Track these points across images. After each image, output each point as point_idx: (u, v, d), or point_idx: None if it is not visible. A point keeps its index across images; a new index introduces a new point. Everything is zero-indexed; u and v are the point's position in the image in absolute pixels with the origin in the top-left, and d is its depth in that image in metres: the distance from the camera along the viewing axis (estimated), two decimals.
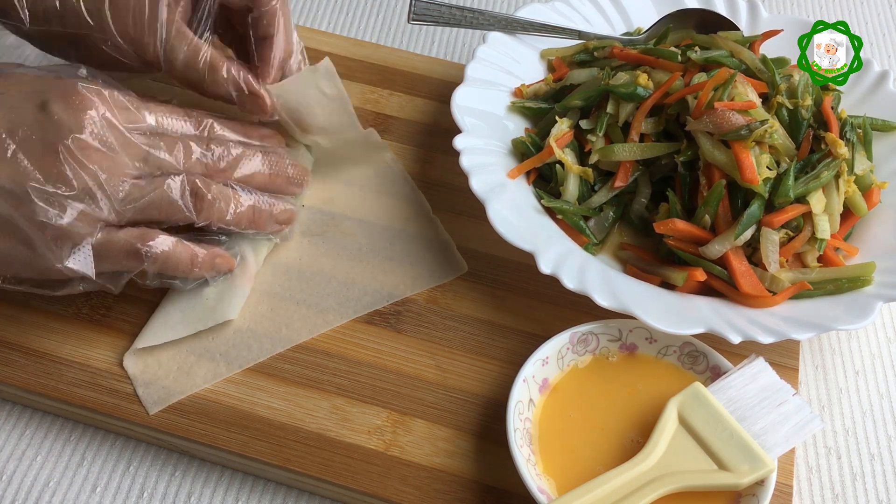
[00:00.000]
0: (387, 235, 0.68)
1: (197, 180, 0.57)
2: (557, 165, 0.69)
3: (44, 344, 0.61)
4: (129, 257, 0.56)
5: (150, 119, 0.58)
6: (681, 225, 0.64)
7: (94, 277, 0.55)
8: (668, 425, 0.55)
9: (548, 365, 0.59)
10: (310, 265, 0.66)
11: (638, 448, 0.55)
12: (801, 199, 0.64)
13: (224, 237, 0.62)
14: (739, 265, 0.63)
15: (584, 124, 0.70)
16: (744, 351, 0.60)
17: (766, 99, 0.68)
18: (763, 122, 0.63)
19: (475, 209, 0.66)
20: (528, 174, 0.70)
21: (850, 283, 0.63)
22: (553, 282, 0.61)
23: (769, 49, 0.74)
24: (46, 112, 0.53)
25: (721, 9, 0.80)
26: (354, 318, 0.63)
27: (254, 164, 0.61)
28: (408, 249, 0.68)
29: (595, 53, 0.76)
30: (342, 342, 0.62)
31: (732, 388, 0.57)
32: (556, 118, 0.71)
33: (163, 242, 0.57)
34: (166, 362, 0.60)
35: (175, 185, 0.57)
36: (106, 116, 0.54)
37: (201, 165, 0.58)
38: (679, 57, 0.71)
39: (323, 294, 0.65)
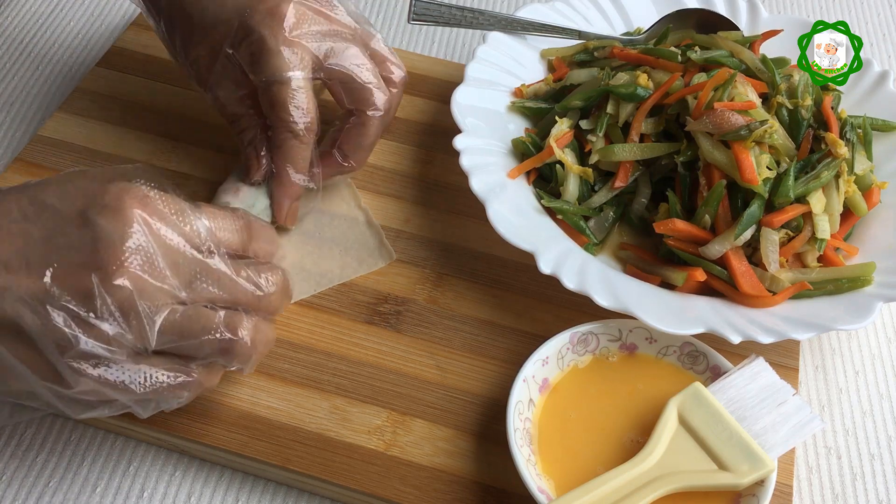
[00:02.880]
0: (316, 224, 0.69)
1: (244, 332, 0.50)
2: (557, 165, 0.69)
3: None
4: (218, 355, 0.50)
5: (203, 225, 0.49)
6: (681, 225, 0.64)
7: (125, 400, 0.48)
8: (668, 425, 0.55)
9: (548, 365, 0.59)
10: None
11: (638, 448, 0.55)
12: (801, 199, 0.64)
13: None
14: (739, 265, 0.63)
15: (584, 124, 0.70)
16: (744, 351, 0.60)
17: (766, 99, 0.68)
18: (763, 123, 0.63)
19: (475, 209, 0.66)
20: (528, 174, 0.70)
21: (850, 283, 0.63)
22: (553, 282, 0.61)
23: (769, 49, 0.74)
24: (87, 224, 0.46)
25: (721, 9, 0.80)
26: (290, 303, 0.62)
27: (279, 291, 0.53)
28: (337, 238, 0.68)
29: (595, 53, 0.76)
30: (342, 342, 0.62)
31: (732, 388, 0.57)
32: (556, 118, 0.71)
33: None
34: None
35: (220, 322, 0.49)
36: (157, 232, 0.47)
37: (254, 300, 0.51)
38: (679, 57, 0.71)
39: None
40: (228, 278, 0.49)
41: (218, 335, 0.49)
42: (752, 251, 0.64)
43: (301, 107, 0.62)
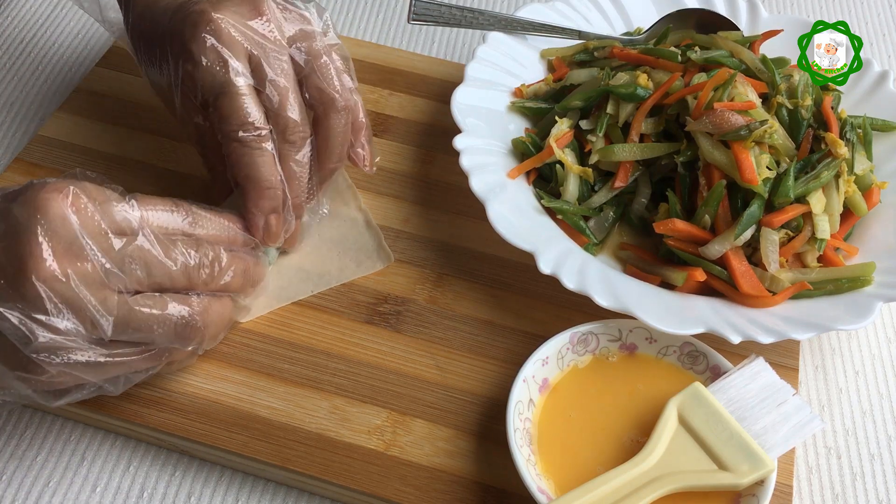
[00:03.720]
0: (316, 225, 0.68)
1: (195, 315, 0.51)
2: (557, 165, 0.69)
3: None
4: (176, 338, 0.51)
5: (135, 213, 0.50)
6: (681, 225, 0.64)
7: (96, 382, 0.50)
8: (668, 425, 0.55)
9: (548, 365, 0.59)
10: None
11: (638, 448, 0.55)
12: (801, 199, 0.64)
13: None
14: (739, 265, 0.63)
15: (584, 124, 0.70)
16: (744, 351, 0.60)
17: (766, 99, 0.68)
18: (763, 123, 0.63)
19: (475, 209, 0.66)
20: (528, 174, 0.70)
21: (850, 283, 0.63)
22: (553, 282, 0.61)
23: (769, 49, 0.74)
24: (8, 218, 0.46)
25: (721, 9, 0.80)
26: (288, 303, 0.64)
27: (232, 274, 0.54)
28: (335, 239, 0.68)
29: (595, 53, 0.76)
30: (342, 342, 0.62)
31: (732, 388, 0.57)
32: (556, 118, 0.71)
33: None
34: None
35: (167, 306, 0.50)
36: (85, 221, 0.47)
37: (185, 278, 0.51)
38: (679, 57, 0.71)
39: None
40: (154, 258, 0.49)
41: (171, 322, 0.50)
42: (752, 251, 0.64)
43: (241, 112, 0.56)
